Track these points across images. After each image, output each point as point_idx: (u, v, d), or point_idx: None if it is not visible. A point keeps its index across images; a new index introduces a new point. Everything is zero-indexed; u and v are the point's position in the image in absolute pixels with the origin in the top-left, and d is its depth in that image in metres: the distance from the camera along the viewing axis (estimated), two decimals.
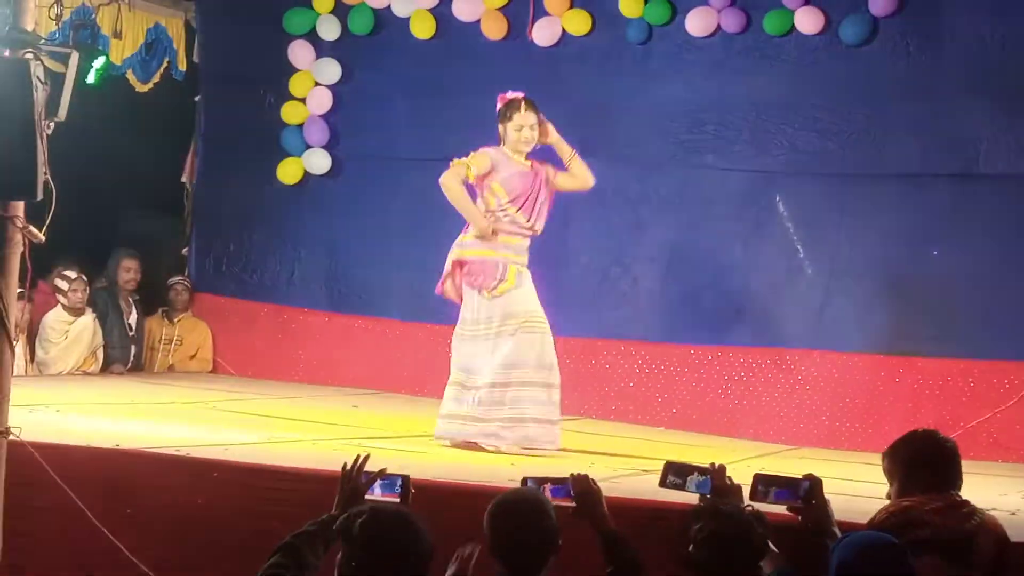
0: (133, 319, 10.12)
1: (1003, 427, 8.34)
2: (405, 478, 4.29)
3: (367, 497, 4.21)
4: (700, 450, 7.50)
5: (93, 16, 9.29)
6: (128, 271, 10.12)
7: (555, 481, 4.37)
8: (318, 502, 4.36)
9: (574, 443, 7.47)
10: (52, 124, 5.32)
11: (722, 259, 9.13)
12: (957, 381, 8.51)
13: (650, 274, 9.32)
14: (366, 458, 4.32)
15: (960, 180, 8.60)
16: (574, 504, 4.33)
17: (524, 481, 4.42)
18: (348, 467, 4.29)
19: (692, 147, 9.26)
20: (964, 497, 4.49)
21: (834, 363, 8.82)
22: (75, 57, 5.54)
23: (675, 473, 4.39)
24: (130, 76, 10.03)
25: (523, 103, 7.27)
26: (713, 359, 9.12)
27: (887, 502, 4.51)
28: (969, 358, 8.55)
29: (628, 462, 6.90)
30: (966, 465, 4.55)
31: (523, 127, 7.24)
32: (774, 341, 8.95)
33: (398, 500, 4.22)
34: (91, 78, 6.79)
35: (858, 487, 5.81)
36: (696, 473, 4.34)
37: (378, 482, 4.27)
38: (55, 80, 5.45)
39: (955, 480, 4.50)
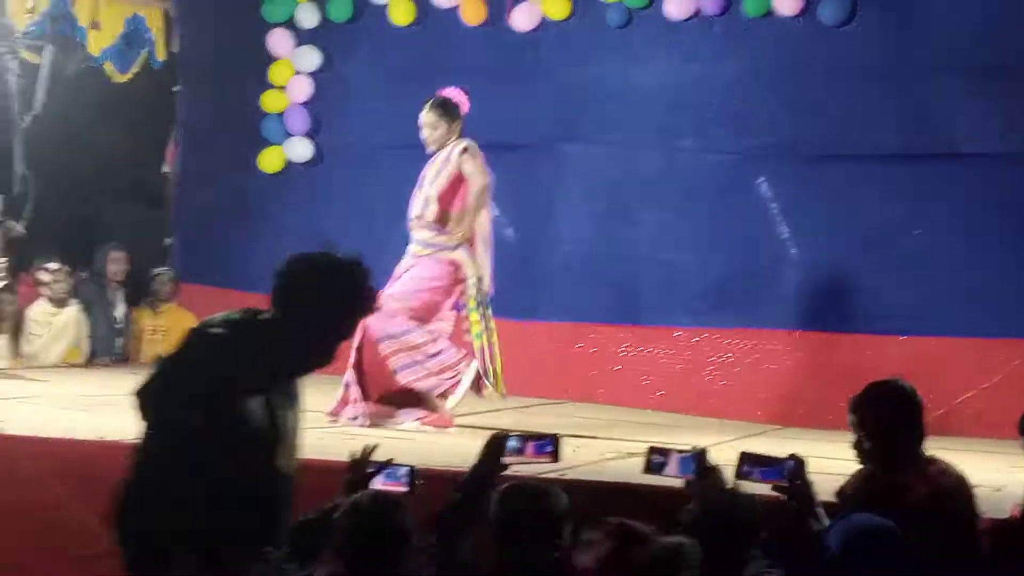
0: (120, 311, 10.10)
1: (988, 404, 8.37)
2: (412, 468, 4.28)
3: (371, 487, 4.18)
4: (687, 432, 7.51)
5: (70, 7, 9.24)
6: (116, 262, 10.11)
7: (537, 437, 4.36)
8: (303, 492, 4.34)
9: (561, 426, 7.47)
10: (29, 117, 5.31)
11: (704, 242, 9.14)
12: (942, 359, 8.52)
13: (633, 257, 9.31)
14: (374, 448, 4.31)
15: (941, 159, 8.61)
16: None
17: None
18: (356, 456, 4.28)
19: (672, 130, 9.26)
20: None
21: (818, 343, 8.84)
22: (50, 50, 5.52)
23: (658, 457, 4.39)
24: (108, 67, 9.96)
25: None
26: (698, 341, 9.13)
27: (856, 457, 4.58)
28: (953, 336, 8.58)
29: (614, 445, 6.91)
30: (951, 442, 4.57)
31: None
32: (758, 322, 8.97)
33: (405, 490, 4.19)
34: None
35: (843, 466, 5.80)
36: (678, 456, 4.34)
37: (382, 472, 4.25)
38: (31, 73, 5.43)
39: (924, 433, 4.55)
